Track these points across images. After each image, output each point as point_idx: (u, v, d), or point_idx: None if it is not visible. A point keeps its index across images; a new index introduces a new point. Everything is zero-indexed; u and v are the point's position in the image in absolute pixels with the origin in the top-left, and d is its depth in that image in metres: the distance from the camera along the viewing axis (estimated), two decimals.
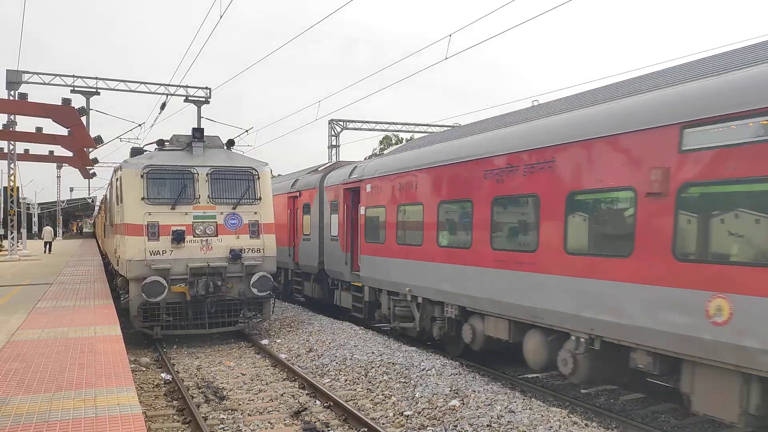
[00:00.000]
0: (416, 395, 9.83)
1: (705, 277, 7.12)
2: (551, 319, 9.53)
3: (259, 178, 15.42)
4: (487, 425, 8.31)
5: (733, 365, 6.90)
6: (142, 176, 14.43)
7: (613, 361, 8.85)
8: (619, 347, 8.47)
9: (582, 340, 9.02)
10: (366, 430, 8.49)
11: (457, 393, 9.73)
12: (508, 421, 8.37)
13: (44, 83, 30.57)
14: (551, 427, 8.12)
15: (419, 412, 9.15)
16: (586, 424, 8.32)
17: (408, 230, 13.89)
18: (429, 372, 10.93)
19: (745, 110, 6.83)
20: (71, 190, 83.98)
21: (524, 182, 10.17)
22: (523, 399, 9.41)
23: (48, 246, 41.37)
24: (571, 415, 8.67)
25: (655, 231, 7.77)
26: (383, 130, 51.00)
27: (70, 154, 34.24)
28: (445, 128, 43.03)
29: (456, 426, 8.42)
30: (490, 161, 11.08)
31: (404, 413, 9.19)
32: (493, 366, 12.33)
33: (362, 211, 16.08)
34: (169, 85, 32.94)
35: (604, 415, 9.41)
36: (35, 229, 69.59)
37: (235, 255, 14.54)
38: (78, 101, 28.87)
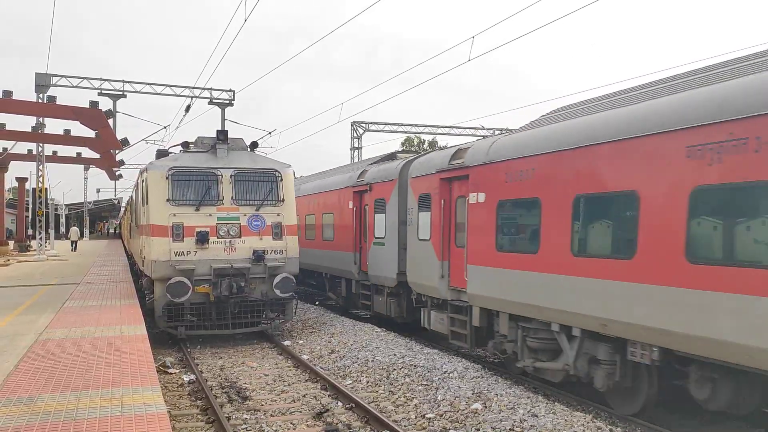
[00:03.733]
0: (438, 398, 9.80)
1: None
2: None
3: (282, 179, 15.51)
4: (510, 429, 8.26)
5: None
6: (167, 178, 14.61)
7: None
8: None
9: None
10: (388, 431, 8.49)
11: (479, 396, 9.68)
12: (531, 425, 8.30)
13: (72, 86, 31.15)
14: (575, 431, 8.04)
15: (441, 415, 9.12)
16: (611, 430, 8.22)
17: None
18: (451, 375, 10.89)
19: None
20: (98, 191, 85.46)
21: None
22: (546, 403, 9.32)
23: (74, 245, 45.46)
24: (594, 420, 8.57)
25: None
26: (405, 132, 51.05)
27: (97, 155, 34.81)
28: (469, 130, 42.95)
29: (478, 429, 8.38)
30: None
31: (426, 416, 9.17)
32: None
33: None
34: (193, 87, 33.36)
35: (628, 420, 9.29)
36: (63, 229, 70.86)
37: (258, 256, 14.64)
38: (105, 104, 29.42)
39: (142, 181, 16.42)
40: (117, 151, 33.96)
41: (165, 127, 36.73)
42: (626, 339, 8.57)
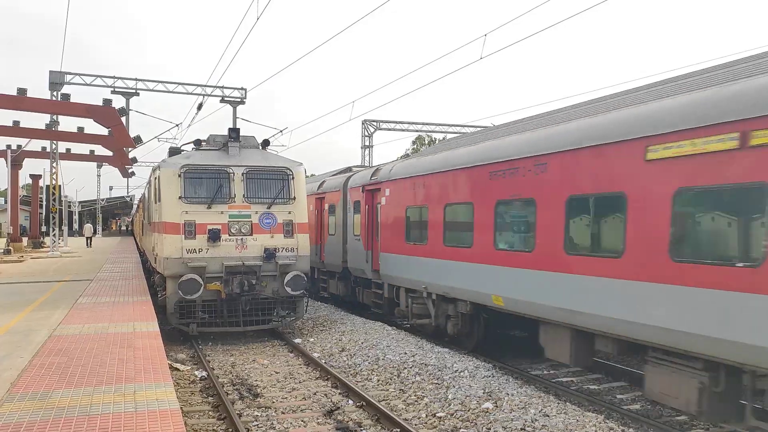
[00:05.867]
0: (449, 397, 9.79)
1: None
2: None
3: (293, 177, 15.55)
4: (521, 429, 8.23)
5: None
6: (179, 176, 14.67)
7: None
8: None
9: None
10: (399, 430, 8.49)
11: (490, 395, 9.66)
12: (543, 425, 8.28)
13: (86, 84, 31.37)
14: (587, 431, 8.00)
15: (452, 414, 9.11)
16: (623, 430, 8.17)
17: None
18: (462, 374, 10.88)
19: None
20: (110, 188, 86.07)
21: None
22: (558, 403, 9.29)
23: (89, 241, 46.99)
24: (607, 421, 8.53)
25: None
26: (416, 131, 50.98)
27: (110, 153, 35.09)
28: (479, 128, 42.82)
29: (489, 429, 8.36)
30: None
31: (437, 415, 9.17)
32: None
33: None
34: (205, 86, 33.49)
35: (641, 421, 9.24)
36: (76, 226, 71.44)
37: (270, 254, 14.69)
38: (118, 102, 29.61)
39: (155, 178, 16.51)
40: (130, 149, 34.20)
41: (177, 125, 36.96)
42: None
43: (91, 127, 27.98)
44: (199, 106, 32.97)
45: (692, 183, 7.75)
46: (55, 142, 32.22)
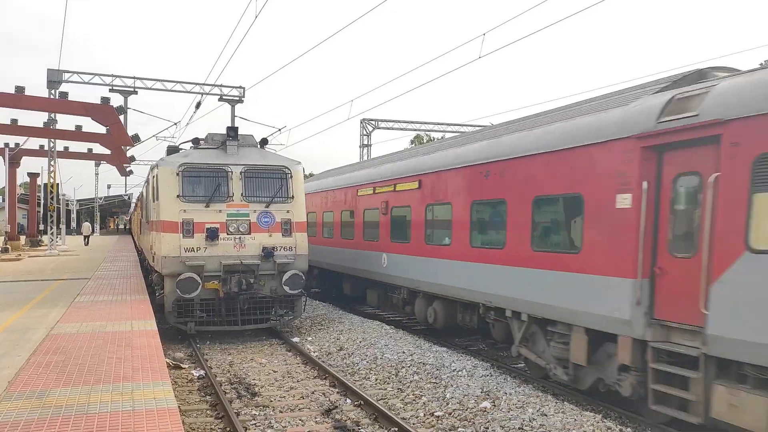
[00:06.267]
0: (447, 396, 9.80)
1: None
2: None
3: (292, 176, 15.53)
4: (519, 428, 8.24)
5: None
6: (177, 174, 14.66)
7: None
8: None
9: None
10: (397, 429, 8.49)
11: (488, 395, 9.67)
12: (541, 425, 8.28)
13: (84, 82, 31.27)
14: (585, 431, 8.00)
15: (450, 413, 9.11)
16: (621, 429, 8.18)
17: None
18: (460, 373, 10.88)
19: None
20: (108, 187, 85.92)
21: None
22: (556, 402, 9.30)
23: (86, 239, 47.47)
24: (605, 420, 8.54)
25: None
26: (414, 130, 50.92)
27: (108, 151, 34.99)
28: (476, 128, 42.82)
29: (487, 428, 8.37)
30: None
31: (435, 414, 9.17)
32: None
33: None
34: (204, 84, 33.41)
35: (638, 420, 9.25)
36: (74, 225, 71.35)
37: (268, 253, 14.68)
38: (116, 100, 29.54)
39: (153, 177, 16.48)
40: (128, 148, 34.14)
41: (175, 124, 36.95)
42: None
43: (89, 125, 27.90)
44: (198, 105, 32.95)
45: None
46: (53, 140, 32.13)
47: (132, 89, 32.01)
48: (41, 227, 49.03)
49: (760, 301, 6.77)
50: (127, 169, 50.00)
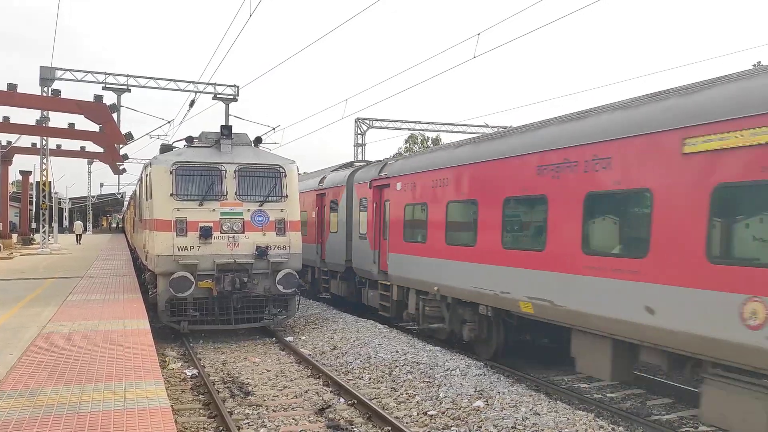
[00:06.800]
0: (440, 395, 9.81)
1: None
2: None
3: (285, 175, 15.51)
4: (512, 427, 8.26)
5: None
6: (171, 172, 14.61)
7: None
8: None
9: None
10: (390, 428, 8.49)
11: (481, 394, 9.68)
12: (533, 423, 8.30)
13: (77, 80, 31.13)
14: (577, 430, 8.03)
15: (443, 412, 9.12)
16: (613, 429, 8.21)
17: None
18: (453, 372, 10.90)
19: None
20: (101, 185, 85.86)
21: None
22: (549, 401, 9.32)
23: (78, 238, 47.53)
24: (597, 419, 8.57)
25: None
26: (409, 129, 50.94)
27: (101, 150, 34.89)
28: (473, 127, 42.89)
29: (480, 427, 8.38)
30: None
31: (428, 413, 9.18)
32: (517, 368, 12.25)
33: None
34: (198, 82, 33.33)
35: (631, 420, 9.29)
36: (66, 223, 71.08)
37: (261, 252, 14.65)
38: (109, 98, 29.41)
39: (146, 175, 16.43)
40: (121, 146, 34.03)
41: (169, 122, 36.88)
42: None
43: (82, 123, 27.84)
44: (192, 103, 32.87)
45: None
46: (45, 138, 32.00)
47: (125, 87, 31.90)
48: (33, 226, 48.80)
49: None
50: (120, 168, 49.86)
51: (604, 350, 9.21)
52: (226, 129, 15.61)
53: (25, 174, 46.84)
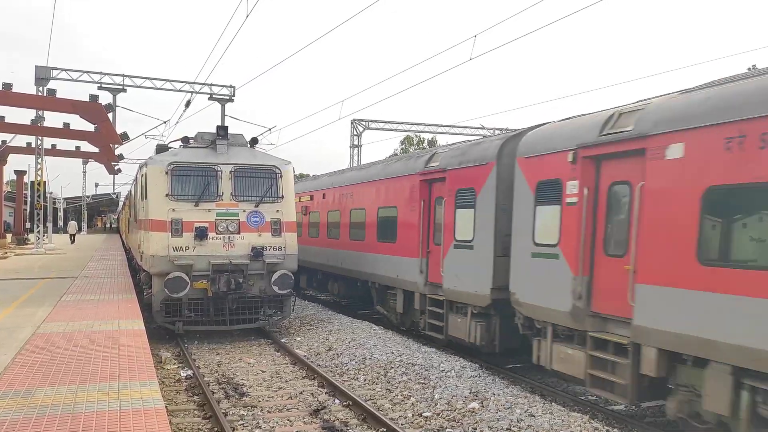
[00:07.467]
0: (435, 397, 9.81)
1: None
2: None
3: (281, 176, 15.50)
4: (507, 429, 8.27)
5: None
6: (166, 173, 14.58)
7: None
8: None
9: None
10: (385, 430, 8.50)
11: (476, 395, 9.69)
12: (528, 425, 8.32)
13: (72, 80, 30.99)
14: (572, 431, 8.04)
15: (438, 414, 9.13)
16: (608, 430, 8.24)
17: None
18: (448, 374, 10.91)
19: None
20: (96, 185, 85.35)
21: None
22: (543, 403, 9.34)
23: (72, 238, 47.33)
24: (592, 421, 8.59)
25: None
26: (405, 131, 50.99)
27: (96, 149, 34.79)
28: (469, 129, 42.94)
29: (475, 428, 8.39)
30: None
31: (423, 414, 9.18)
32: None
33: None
34: (194, 83, 33.24)
35: (625, 421, 9.31)
36: (61, 223, 70.87)
37: (257, 253, 14.63)
38: (105, 98, 29.30)
39: (142, 175, 16.39)
40: (116, 146, 33.95)
41: (165, 122, 36.81)
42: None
43: (78, 123, 27.74)
44: (187, 104, 32.79)
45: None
46: (40, 137, 31.88)
47: (121, 87, 31.76)
48: (28, 225, 48.63)
49: None
50: (116, 168, 49.69)
51: None
52: (222, 129, 15.60)
53: (20, 174, 46.70)
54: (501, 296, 11.50)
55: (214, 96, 34.41)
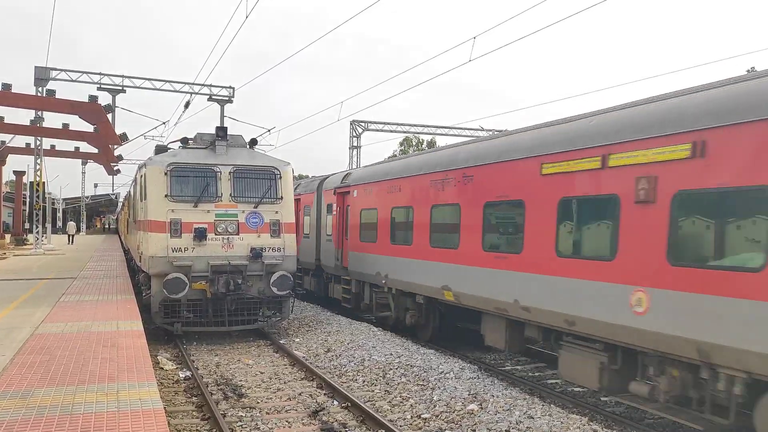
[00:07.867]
0: (434, 398, 9.80)
1: None
2: None
3: (280, 177, 15.50)
4: (506, 430, 8.26)
5: None
6: (165, 174, 14.58)
7: None
8: None
9: None
10: (383, 431, 8.48)
11: (475, 397, 9.68)
12: (527, 427, 8.31)
13: (71, 80, 30.97)
14: None
15: (437, 416, 9.12)
16: None
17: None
18: (447, 375, 10.89)
19: None
20: (95, 186, 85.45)
21: None
22: (542, 405, 9.33)
23: (71, 238, 47.33)
24: (591, 423, 8.57)
25: None
26: (404, 132, 50.98)
27: (95, 150, 34.80)
28: (468, 130, 42.96)
29: (474, 430, 8.38)
30: None
31: (422, 416, 9.17)
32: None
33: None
34: (193, 84, 33.24)
35: (624, 423, 9.31)
36: (59, 224, 70.84)
37: (256, 254, 14.62)
38: (104, 99, 29.29)
39: (141, 176, 16.38)
40: (115, 146, 33.94)
41: (164, 123, 36.84)
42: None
43: (77, 123, 27.77)
44: (187, 105, 32.81)
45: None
46: (39, 138, 31.87)
47: (120, 88, 31.76)
48: (27, 226, 48.60)
49: None
50: (115, 168, 49.70)
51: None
52: (222, 130, 15.59)
53: (19, 174, 46.71)
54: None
55: (213, 97, 34.40)
